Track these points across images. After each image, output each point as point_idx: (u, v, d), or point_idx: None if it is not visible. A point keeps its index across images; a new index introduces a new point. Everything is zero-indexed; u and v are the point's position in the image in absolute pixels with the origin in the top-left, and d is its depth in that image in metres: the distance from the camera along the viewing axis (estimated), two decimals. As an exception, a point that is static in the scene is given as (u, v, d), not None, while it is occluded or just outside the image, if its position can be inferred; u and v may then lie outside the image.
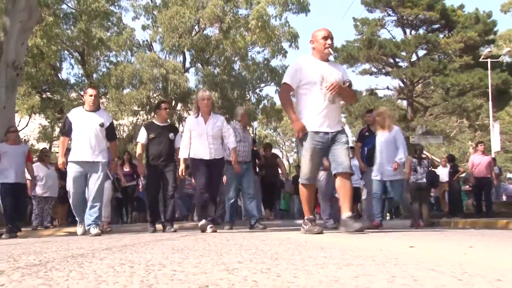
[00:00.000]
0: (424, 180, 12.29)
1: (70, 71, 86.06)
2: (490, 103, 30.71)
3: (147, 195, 9.94)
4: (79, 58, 31.03)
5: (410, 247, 3.17)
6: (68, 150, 8.78)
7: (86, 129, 8.17)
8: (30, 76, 26.51)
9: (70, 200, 8.43)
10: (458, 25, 34.69)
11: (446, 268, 1.85)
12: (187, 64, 34.13)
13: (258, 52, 34.19)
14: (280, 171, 15.93)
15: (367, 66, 36.33)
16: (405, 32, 36.45)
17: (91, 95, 8.42)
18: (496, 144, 28.17)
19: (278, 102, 29.64)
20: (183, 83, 30.14)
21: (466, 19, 34.83)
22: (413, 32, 36.09)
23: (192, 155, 8.08)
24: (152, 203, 9.52)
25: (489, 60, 31.03)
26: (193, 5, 31.29)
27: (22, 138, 22.09)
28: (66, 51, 30.78)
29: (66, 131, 8.38)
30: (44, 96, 30.03)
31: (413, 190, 12.47)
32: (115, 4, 31.62)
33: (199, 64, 33.86)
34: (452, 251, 2.99)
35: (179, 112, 32.67)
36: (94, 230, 7.83)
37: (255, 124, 40.41)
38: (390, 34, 37.07)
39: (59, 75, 28.75)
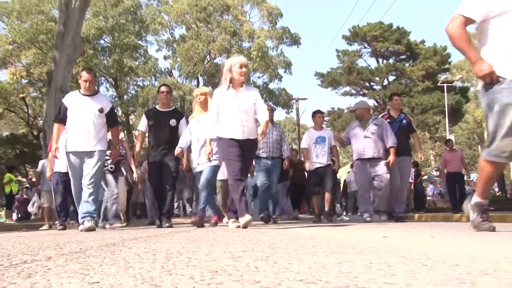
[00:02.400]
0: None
1: (105, 93, 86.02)
2: (447, 119, 31.75)
3: (150, 188, 8.29)
4: (113, 83, 31.59)
5: (384, 237, 3.15)
6: None
7: (83, 115, 6.37)
8: None
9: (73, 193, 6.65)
10: (420, 56, 35.32)
11: (413, 255, 1.83)
12: (200, 86, 34.12)
13: (259, 77, 34.32)
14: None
15: (347, 88, 36.79)
16: (378, 62, 36.94)
17: (85, 80, 6.48)
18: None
19: (277, 117, 29.98)
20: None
21: (426, 52, 35.45)
22: (384, 61, 36.64)
23: (221, 135, 5.75)
24: (154, 197, 7.79)
25: (445, 84, 31.74)
26: (205, 39, 31.63)
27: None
28: (102, 77, 31.18)
29: (61, 117, 6.53)
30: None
31: None
32: (142, 39, 32.05)
33: (210, 87, 33.92)
34: (417, 240, 2.97)
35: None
36: (87, 223, 6.05)
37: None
38: (366, 63, 37.53)
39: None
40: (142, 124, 7.72)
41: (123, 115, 31.62)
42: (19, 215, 18.26)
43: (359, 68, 35.98)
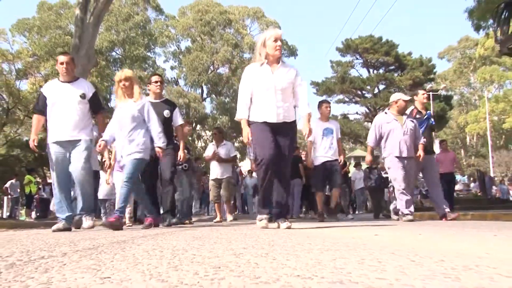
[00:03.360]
0: (374, 184, 12.44)
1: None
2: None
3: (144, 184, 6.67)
4: None
5: (375, 235, 3.14)
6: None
7: (63, 102, 5.46)
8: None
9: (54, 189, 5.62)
10: (408, 67, 35.52)
11: (402, 252, 1.82)
12: (205, 95, 34.39)
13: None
14: None
15: (341, 96, 36.89)
16: (369, 72, 37.05)
17: (62, 63, 5.56)
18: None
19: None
20: (201, 110, 30.51)
21: (413, 63, 35.66)
22: (375, 71, 36.73)
23: (252, 117, 4.69)
24: (148, 193, 6.19)
25: (431, 93, 31.94)
26: (209, 51, 31.73)
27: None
28: (113, 87, 31.04)
29: (40, 108, 5.62)
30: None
31: (371, 192, 12.76)
32: (151, 51, 32.26)
33: (213, 95, 34.17)
34: (406, 238, 2.96)
35: (198, 132, 32.88)
36: (86, 222, 5.41)
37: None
38: (358, 72, 37.65)
39: (109, 104, 28.88)
40: None
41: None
42: (38, 214, 18.29)
43: (351, 77, 36.09)
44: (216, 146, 9.44)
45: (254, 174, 15.13)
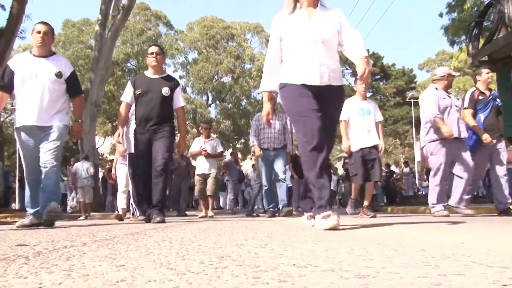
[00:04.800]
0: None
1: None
2: (414, 129, 32.25)
3: (133, 173, 5.55)
4: None
5: (363, 227, 3.13)
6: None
7: (35, 80, 4.20)
8: (105, 111, 27.24)
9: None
10: (392, 76, 35.81)
11: (387, 243, 1.81)
12: (210, 102, 34.43)
13: (258, 93, 34.39)
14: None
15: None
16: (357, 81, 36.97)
17: (38, 31, 4.25)
18: (417, 156, 28.66)
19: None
20: (207, 115, 30.57)
21: (397, 73, 35.95)
22: (362, 80, 36.71)
23: (287, 80, 3.16)
24: (140, 183, 5.29)
25: (412, 100, 32.12)
26: (214, 62, 31.83)
27: (101, 154, 22.50)
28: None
29: (5, 84, 4.28)
30: (114, 124, 30.62)
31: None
32: (161, 61, 32.05)
33: (217, 101, 34.21)
34: (391, 230, 2.95)
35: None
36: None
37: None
38: (348, 81, 37.54)
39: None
40: (127, 94, 5.20)
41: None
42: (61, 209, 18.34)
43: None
44: (203, 141, 8.57)
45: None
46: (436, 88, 5.70)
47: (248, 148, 34.20)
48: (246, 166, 26.37)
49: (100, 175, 16.36)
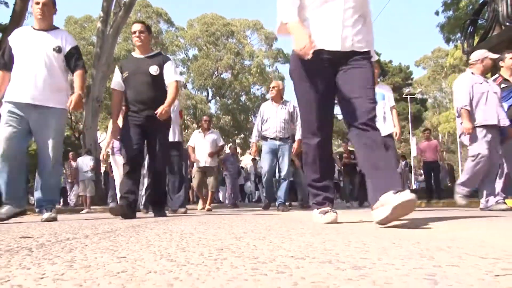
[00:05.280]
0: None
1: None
2: (410, 124, 32.02)
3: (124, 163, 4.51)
4: None
5: (360, 220, 3.14)
6: None
7: (32, 54, 3.74)
8: (107, 106, 27.11)
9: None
10: (389, 73, 35.83)
11: (385, 235, 1.82)
12: (210, 97, 34.39)
13: (258, 89, 34.54)
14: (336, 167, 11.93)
15: (330, 100, 36.83)
16: (354, 77, 37.08)
17: (37, 2, 3.82)
18: (413, 151, 28.75)
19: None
20: (207, 110, 30.55)
21: (393, 70, 35.95)
22: (360, 76, 36.78)
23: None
24: (129, 173, 4.38)
25: (408, 96, 32.10)
26: (214, 58, 31.77)
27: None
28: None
29: (5, 61, 3.83)
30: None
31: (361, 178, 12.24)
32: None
33: (217, 97, 34.19)
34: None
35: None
36: (47, 213, 3.77)
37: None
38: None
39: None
40: (116, 81, 4.58)
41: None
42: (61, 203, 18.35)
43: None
44: (203, 134, 8.30)
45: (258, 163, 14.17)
46: (472, 73, 5.25)
47: (247, 143, 34.25)
48: (246, 161, 26.39)
49: (102, 169, 16.36)
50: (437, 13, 18.87)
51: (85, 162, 11.64)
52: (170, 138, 5.14)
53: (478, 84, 5.12)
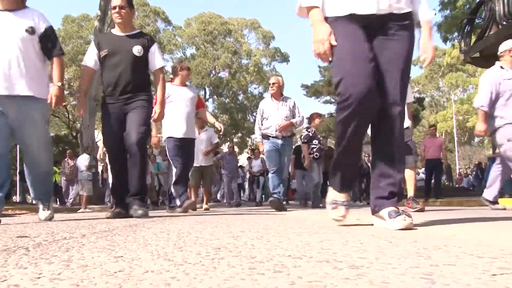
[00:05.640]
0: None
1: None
2: None
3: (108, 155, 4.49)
4: None
5: (357, 220, 3.14)
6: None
7: (1, 39, 3.27)
8: None
9: None
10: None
11: (382, 234, 1.82)
12: (207, 96, 34.39)
13: (255, 88, 34.57)
14: None
15: (328, 97, 36.82)
16: (352, 76, 37.02)
17: None
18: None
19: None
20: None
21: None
22: (357, 75, 36.69)
23: (328, 10, 2.16)
24: (115, 170, 4.10)
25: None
26: (211, 57, 31.77)
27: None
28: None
29: None
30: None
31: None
32: (160, 57, 31.98)
33: (215, 96, 34.17)
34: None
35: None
36: (43, 212, 3.70)
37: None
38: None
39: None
40: (90, 57, 4.11)
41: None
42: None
43: (336, 81, 36.24)
44: (198, 132, 7.76)
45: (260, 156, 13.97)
46: (501, 67, 4.80)
47: (245, 142, 34.22)
48: (242, 160, 26.38)
49: (100, 168, 16.34)
50: (434, 12, 18.95)
51: (82, 162, 11.62)
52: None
53: (507, 80, 4.68)
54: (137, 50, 3.99)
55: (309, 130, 8.45)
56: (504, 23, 9.28)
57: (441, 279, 0.86)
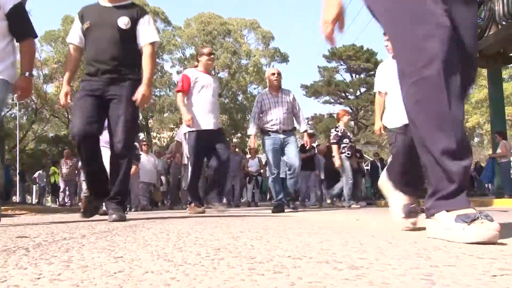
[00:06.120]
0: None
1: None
2: None
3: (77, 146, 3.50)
4: None
5: (357, 220, 3.14)
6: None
7: None
8: None
9: None
10: (387, 72, 35.57)
11: (381, 234, 1.82)
12: (207, 97, 34.38)
13: (254, 88, 34.54)
14: None
15: (327, 98, 37.00)
16: (352, 76, 37.21)
17: None
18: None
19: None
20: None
21: (391, 68, 35.70)
22: (357, 76, 36.82)
23: None
24: (88, 166, 3.53)
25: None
26: (211, 57, 31.64)
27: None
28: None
29: None
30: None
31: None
32: (160, 57, 32.10)
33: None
34: (385, 222, 2.96)
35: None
36: None
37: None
38: (342, 77, 37.75)
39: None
40: (74, 33, 3.60)
41: (143, 119, 31.86)
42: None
43: (336, 81, 36.23)
44: None
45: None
46: None
47: (244, 142, 34.20)
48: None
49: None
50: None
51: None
52: None
53: None
54: (123, 22, 3.44)
55: (337, 129, 8.24)
56: (504, 23, 9.28)
57: (441, 280, 0.86)
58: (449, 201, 1.55)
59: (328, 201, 10.38)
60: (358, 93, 35.95)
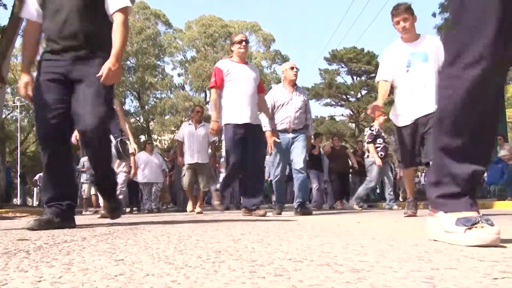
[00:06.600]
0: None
1: (130, 104, 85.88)
2: None
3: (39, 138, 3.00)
4: (136, 95, 32.03)
5: (358, 222, 3.14)
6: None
7: None
8: None
9: None
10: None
11: (382, 237, 1.81)
12: (207, 99, 34.43)
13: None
14: (350, 162, 10.69)
15: (328, 100, 36.96)
16: (353, 79, 37.21)
17: None
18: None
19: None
20: (205, 112, 30.48)
21: (392, 70, 35.66)
22: (358, 78, 36.82)
23: None
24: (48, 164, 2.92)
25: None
26: (212, 60, 31.84)
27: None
28: (128, 91, 31.37)
29: None
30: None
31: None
32: (161, 60, 32.31)
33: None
34: (385, 224, 2.96)
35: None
36: None
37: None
38: (343, 79, 37.78)
39: (124, 106, 28.94)
40: (30, 5, 2.89)
41: (145, 122, 31.98)
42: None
43: (337, 83, 36.19)
44: (195, 127, 7.47)
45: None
46: None
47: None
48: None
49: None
50: (434, 15, 19.00)
51: (81, 162, 11.58)
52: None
53: None
54: None
55: (372, 129, 8.12)
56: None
57: (442, 283, 0.86)
58: (451, 202, 1.52)
59: (339, 206, 10.14)
60: (359, 95, 35.93)
